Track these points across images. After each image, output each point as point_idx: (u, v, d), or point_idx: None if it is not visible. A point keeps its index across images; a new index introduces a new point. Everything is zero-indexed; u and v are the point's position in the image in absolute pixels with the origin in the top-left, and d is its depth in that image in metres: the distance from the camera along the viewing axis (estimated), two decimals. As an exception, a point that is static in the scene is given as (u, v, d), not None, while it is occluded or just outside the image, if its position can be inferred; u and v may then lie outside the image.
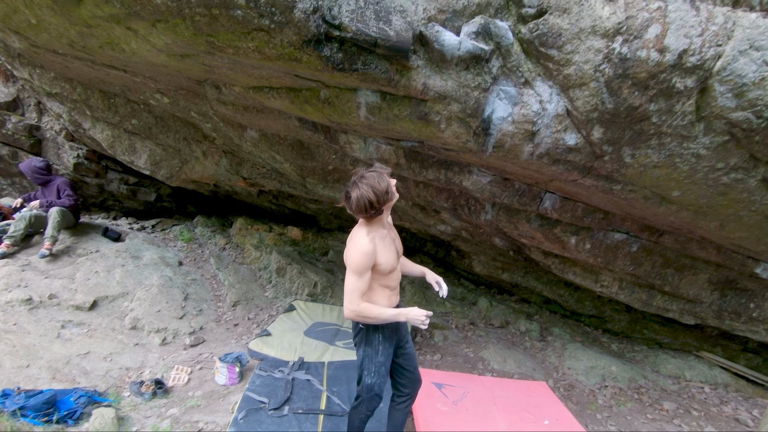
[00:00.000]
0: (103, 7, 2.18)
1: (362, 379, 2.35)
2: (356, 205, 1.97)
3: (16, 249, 4.60)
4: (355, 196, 1.96)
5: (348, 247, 2.15)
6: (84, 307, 4.14)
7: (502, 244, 4.87)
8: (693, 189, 2.65)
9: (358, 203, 1.96)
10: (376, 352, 2.31)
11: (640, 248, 3.81)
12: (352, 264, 2.09)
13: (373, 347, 2.31)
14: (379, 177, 1.98)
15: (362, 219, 2.11)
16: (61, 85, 4.69)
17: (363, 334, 2.31)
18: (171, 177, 5.70)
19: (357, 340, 2.37)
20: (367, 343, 2.32)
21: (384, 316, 2.15)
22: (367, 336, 2.30)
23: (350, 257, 2.11)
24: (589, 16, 2.11)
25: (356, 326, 2.34)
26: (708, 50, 2.06)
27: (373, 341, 2.30)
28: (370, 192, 1.95)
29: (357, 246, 2.08)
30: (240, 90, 3.14)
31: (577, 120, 2.47)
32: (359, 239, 2.09)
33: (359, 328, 2.31)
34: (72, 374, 3.39)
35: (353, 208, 2.00)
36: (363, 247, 2.06)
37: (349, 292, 2.11)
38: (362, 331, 2.30)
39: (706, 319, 4.24)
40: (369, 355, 2.31)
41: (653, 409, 3.93)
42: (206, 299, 5.04)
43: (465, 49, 2.25)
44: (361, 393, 2.37)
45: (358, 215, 2.05)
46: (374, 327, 2.27)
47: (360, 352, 2.35)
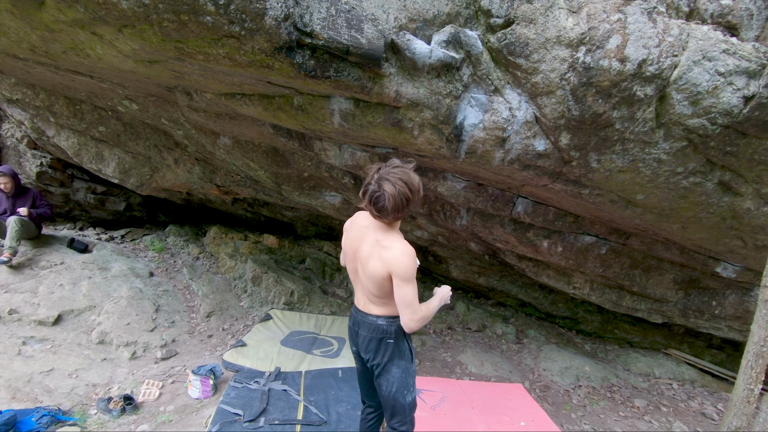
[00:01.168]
0: (66, 11, 2.11)
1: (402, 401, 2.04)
2: (393, 203, 1.74)
3: None
4: (391, 192, 1.73)
5: (394, 253, 1.83)
6: (47, 322, 3.96)
7: (477, 248, 4.94)
8: (656, 192, 2.76)
9: (395, 200, 1.74)
10: (410, 362, 2.08)
11: (609, 250, 3.93)
12: (408, 272, 1.82)
13: (406, 358, 2.06)
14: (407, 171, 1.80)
15: (388, 222, 1.88)
16: (22, 91, 4.51)
17: (393, 347, 2.02)
18: (141, 185, 5.54)
19: (386, 358, 2.03)
20: (400, 356, 2.04)
21: (434, 308, 1.99)
22: (398, 348, 2.03)
23: (403, 265, 1.81)
24: (554, 27, 2.19)
25: (380, 343, 2.02)
26: (665, 60, 2.16)
27: (405, 351, 2.06)
28: (406, 188, 1.75)
29: (406, 251, 1.83)
30: (212, 96, 3.10)
31: (546, 126, 2.54)
32: (404, 244, 1.85)
33: (386, 344, 2.02)
34: (34, 393, 3.23)
35: (388, 206, 1.75)
36: (412, 251, 1.84)
37: (410, 302, 1.84)
38: (390, 345, 2.02)
39: (673, 317, 4.40)
40: (406, 369, 2.05)
41: (625, 407, 4.04)
42: (179, 310, 4.90)
43: (436, 57, 2.30)
44: (406, 417, 2.08)
45: (390, 215, 1.81)
46: (403, 333, 2.03)
47: (393, 370, 2.03)
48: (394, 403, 2.05)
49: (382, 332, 2.01)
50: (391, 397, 2.04)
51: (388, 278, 1.86)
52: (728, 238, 3.14)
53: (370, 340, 2.03)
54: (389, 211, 1.78)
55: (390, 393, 2.04)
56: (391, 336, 2.01)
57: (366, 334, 2.04)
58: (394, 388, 2.03)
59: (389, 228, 1.93)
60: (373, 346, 2.03)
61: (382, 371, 2.04)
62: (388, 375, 2.03)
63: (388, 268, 1.84)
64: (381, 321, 2.01)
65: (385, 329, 2.01)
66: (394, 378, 2.03)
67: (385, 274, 1.85)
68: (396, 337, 2.01)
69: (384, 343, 2.02)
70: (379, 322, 2.01)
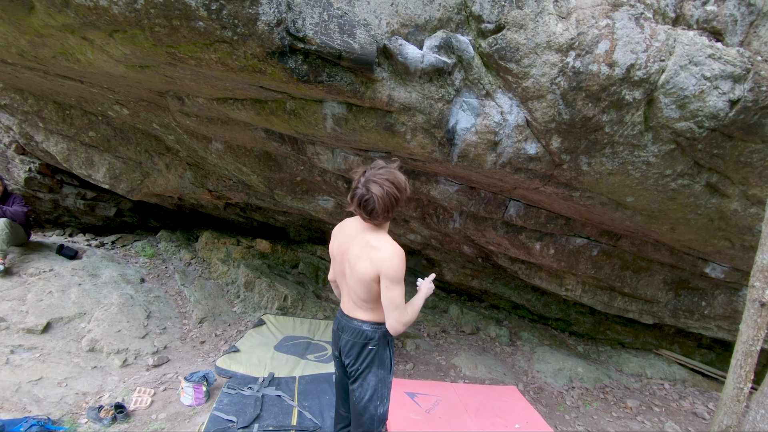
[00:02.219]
0: (56, 16, 2.10)
1: (373, 412, 1.99)
2: (382, 204, 1.74)
3: None
4: (379, 194, 1.73)
5: (384, 255, 1.81)
6: (36, 330, 3.89)
7: (470, 251, 4.96)
8: (645, 194, 2.80)
9: (384, 202, 1.74)
10: (388, 372, 2.03)
11: (600, 252, 3.97)
12: (397, 273, 1.80)
13: (385, 368, 2.01)
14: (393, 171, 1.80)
15: (378, 223, 1.87)
16: (10, 96, 4.45)
17: (374, 354, 1.98)
18: (132, 191, 5.49)
19: (365, 364, 1.98)
20: (379, 365, 1.99)
21: (420, 305, 2.00)
22: (379, 355, 1.99)
23: (393, 266, 1.79)
24: (543, 32, 2.22)
25: (362, 349, 1.99)
26: (653, 65, 2.20)
27: (386, 360, 2.01)
28: (393, 188, 1.76)
29: (396, 252, 1.81)
30: (204, 101, 3.09)
31: (537, 130, 2.57)
32: (394, 245, 1.83)
33: (367, 350, 1.98)
34: (22, 402, 3.17)
35: (378, 209, 1.76)
36: (402, 252, 1.82)
37: (398, 305, 1.83)
38: (371, 351, 1.98)
39: (663, 318, 4.46)
40: (383, 379, 2.01)
41: (618, 408, 4.07)
42: (170, 317, 4.85)
43: (428, 62, 2.31)
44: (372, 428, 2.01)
45: (381, 217, 1.81)
46: (386, 342, 2.01)
47: (369, 378, 1.99)
48: (364, 413, 2.00)
49: (365, 338, 1.98)
50: (362, 405, 2.00)
51: (376, 279, 1.84)
52: (716, 239, 3.19)
53: (353, 345, 2.00)
54: (379, 212, 1.78)
55: (362, 400, 2.00)
56: (374, 342, 1.98)
57: (349, 338, 2.01)
58: (368, 395, 1.99)
59: (379, 229, 1.93)
60: (355, 351, 2.00)
61: (358, 377, 2.00)
62: (363, 382, 1.99)
63: (378, 269, 1.82)
64: (366, 326, 1.99)
65: (369, 335, 1.98)
66: (369, 385, 1.99)
67: (374, 275, 1.83)
68: (378, 344, 1.98)
69: (366, 349, 1.99)
70: (364, 327, 1.99)
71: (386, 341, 2.01)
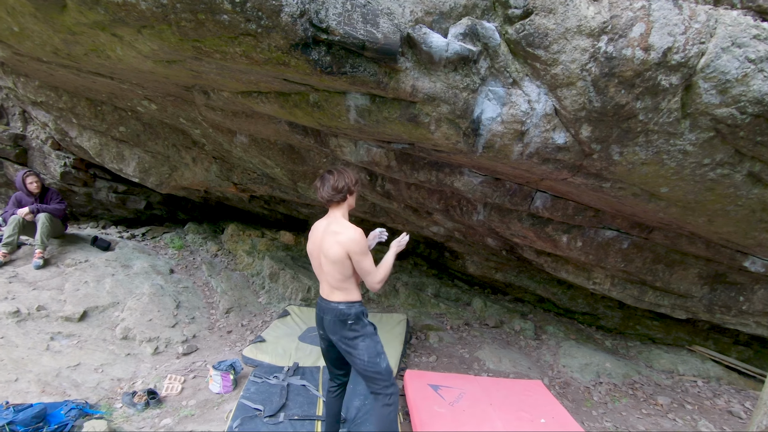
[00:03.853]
0: (87, 14, 2.15)
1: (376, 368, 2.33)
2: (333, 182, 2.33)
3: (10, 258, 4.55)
4: (332, 175, 2.35)
5: (345, 234, 2.25)
6: (73, 318, 4.07)
7: (494, 244, 4.89)
8: (681, 185, 2.68)
9: (335, 180, 2.33)
10: (374, 334, 2.42)
11: (630, 245, 3.84)
12: (361, 246, 2.25)
13: (368, 333, 2.38)
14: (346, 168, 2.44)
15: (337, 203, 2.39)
16: (46, 94, 4.62)
17: (353, 327, 2.35)
18: (161, 184, 5.64)
19: (352, 337, 2.34)
20: (366, 335, 2.37)
21: (390, 260, 2.39)
22: (363, 328, 2.37)
23: (356, 243, 2.24)
24: (574, 16, 2.13)
25: (343, 326, 2.34)
26: (692, 48, 2.09)
27: (366, 327, 2.39)
28: (343, 173, 2.38)
29: (356, 231, 2.26)
30: (228, 95, 3.12)
31: (566, 119, 2.49)
32: (353, 227, 2.29)
33: (348, 325, 2.34)
34: (62, 387, 3.33)
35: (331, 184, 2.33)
36: (361, 231, 2.28)
37: (369, 270, 2.28)
38: (350, 326, 2.34)
39: (698, 313, 4.29)
40: (369, 342, 2.35)
41: (648, 404, 3.96)
42: (198, 307, 4.98)
43: (453, 50, 2.26)
44: (387, 382, 2.34)
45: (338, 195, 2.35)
46: (361, 314, 2.38)
47: (360, 345, 2.33)
48: (372, 371, 2.32)
49: (344, 315, 2.34)
50: (366, 367, 2.32)
51: (347, 257, 2.26)
52: (757, 232, 3.03)
53: (335, 323, 2.35)
54: (332, 189, 2.33)
55: (364, 363, 2.32)
56: (352, 317, 2.34)
57: (331, 318, 2.37)
58: (366, 357, 2.32)
59: (340, 218, 2.38)
60: (338, 327, 2.35)
61: (349, 348, 2.35)
62: (356, 350, 2.33)
63: (345, 249, 2.24)
64: (342, 306, 2.35)
65: (346, 312, 2.34)
66: (363, 350, 2.32)
67: (344, 254, 2.25)
68: (356, 318, 2.35)
69: (347, 324, 2.34)
70: (340, 307, 2.34)
71: (361, 313, 2.38)
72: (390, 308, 5.68)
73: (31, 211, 4.69)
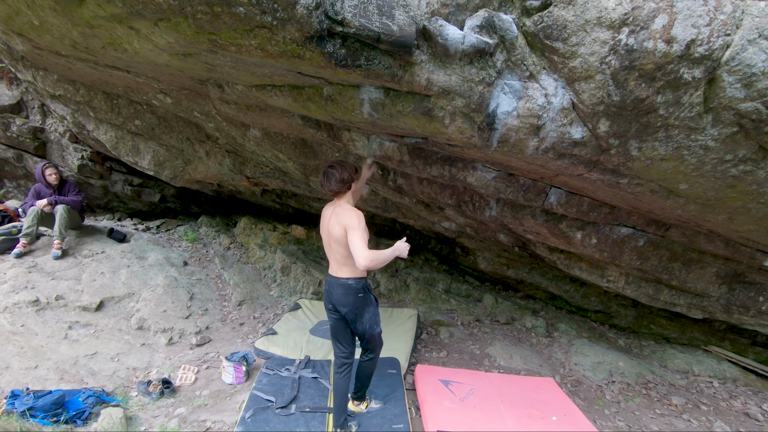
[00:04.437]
0: (105, 6, 2.17)
1: (373, 333, 2.82)
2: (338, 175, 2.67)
3: (30, 249, 4.66)
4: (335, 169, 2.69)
5: (345, 215, 2.61)
6: (90, 308, 4.16)
7: (507, 240, 4.85)
8: (701, 182, 2.62)
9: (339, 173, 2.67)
10: (376, 307, 2.86)
11: (646, 242, 3.78)
12: (355, 222, 2.55)
13: (373, 304, 2.84)
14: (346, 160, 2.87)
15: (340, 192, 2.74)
16: (64, 87, 4.70)
17: (362, 298, 2.76)
18: (175, 177, 5.71)
19: (356, 309, 2.74)
20: (368, 303, 2.80)
21: (387, 255, 2.55)
22: (366, 299, 2.78)
23: (352, 219, 2.57)
24: (594, 8, 2.08)
25: (355, 299, 2.73)
26: (716, 40, 2.03)
27: (371, 301, 2.82)
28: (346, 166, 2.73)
29: (354, 210, 2.64)
30: (243, 88, 3.13)
31: (583, 113, 2.44)
32: (352, 209, 2.67)
33: (358, 297, 2.74)
34: (80, 375, 3.41)
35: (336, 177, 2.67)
36: (359, 212, 2.63)
37: (359, 245, 2.50)
38: (361, 298, 2.75)
39: (714, 313, 4.21)
40: (373, 312, 2.82)
41: (662, 405, 3.91)
42: (211, 299, 5.05)
43: (469, 43, 2.23)
44: (376, 343, 2.88)
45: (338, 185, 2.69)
46: (367, 289, 2.80)
47: (366, 315, 2.77)
48: (369, 336, 2.83)
49: (352, 289, 2.73)
50: (366, 332, 2.81)
51: (345, 235, 2.57)
52: (780, 230, 2.95)
53: (346, 296, 2.74)
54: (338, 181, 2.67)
55: (365, 330, 2.81)
56: (360, 291, 2.75)
57: (341, 292, 2.75)
58: (368, 326, 2.80)
59: (344, 204, 2.73)
60: (349, 300, 2.74)
61: (356, 318, 2.77)
62: (362, 319, 2.78)
63: (344, 225, 2.57)
64: (351, 281, 2.74)
65: (354, 286, 2.73)
66: (366, 320, 2.79)
67: (344, 231, 2.57)
68: (363, 292, 2.76)
69: (355, 297, 2.73)
70: (350, 282, 2.73)
71: (367, 288, 2.80)
72: (401, 303, 5.69)
73: (50, 203, 4.78)
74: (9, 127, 5.91)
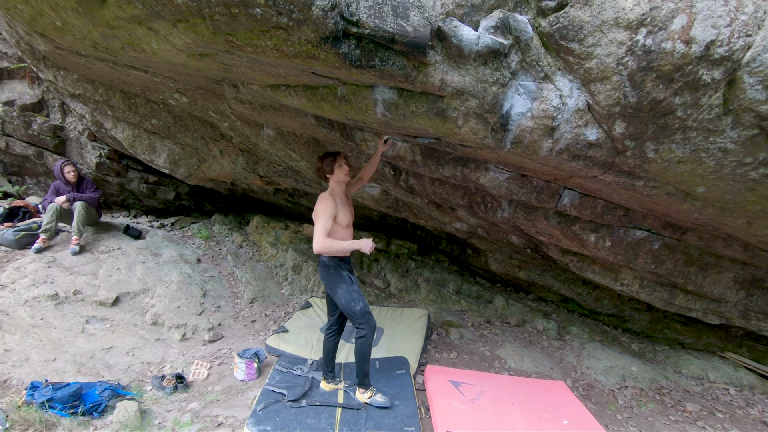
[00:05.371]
0: (126, 8, 2.22)
1: (353, 310, 2.95)
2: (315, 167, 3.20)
3: (49, 244, 4.78)
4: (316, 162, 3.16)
5: (317, 204, 2.96)
6: (107, 302, 4.24)
7: (518, 241, 4.82)
8: (719, 185, 2.57)
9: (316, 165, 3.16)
10: (350, 284, 3.02)
11: (662, 246, 3.72)
12: (320, 210, 2.90)
13: (345, 281, 3.01)
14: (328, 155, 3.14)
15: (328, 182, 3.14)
16: (83, 87, 4.80)
17: (333, 275, 3.00)
18: (189, 175, 5.79)
19: (330, 285, 3.02)
20: (340, 280, 3.00)
21: (343, 246, 2.85)
22: (338, 274, 3.01)
23: (318, 207, 2.93)
24: (611, 8, 2.06)
25: (326, 274, 3.02)
26: (737, 41, 1.99)
27: (343, 276, 3.02)
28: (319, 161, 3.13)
29: (323, 200, 2.96)
30: (257, 88, 3.17)
31: (599, 114, 2.42)
32: (324, 196, 3.00)
33: (329, 273, 3.00)
34: (96, 368, 3.48)
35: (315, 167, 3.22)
36: (326, 200, 2.95)
37: (318, 232, 2.82)
38: (332, 274, 3.00)
39: (732, 319, 4.13)
40: (346, 289, 2.98)
41: (676, 411, 3.84)
42: (224, 296, 5.11)
43: (483, 43, 2.23)
44: (361, 321, 2.96)
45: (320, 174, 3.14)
46: (339, 265, 3.01)
47: (339, 291, 2.98)
48: (349, 311, 2.98)
49: (324, 266, 3.04)
50: (344, 307, 2.99)
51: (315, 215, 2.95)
52: (801, 235, 2.89)
53: (321, 273, 3.08)
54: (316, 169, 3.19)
55: (343, 305, 3.00)
56: (332, 269, 3.01)
57: (319, 269, 3.11)
58: (344, 301, 2.98)
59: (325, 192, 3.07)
60: (322, 275, 3.08)
61: (333, 293, 3.04)
62: (336, 295, 3.01)
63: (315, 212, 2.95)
64: (324, 259, 3.04)
65: (326, 264, 3.03)
66: (341, 296, 2.99)
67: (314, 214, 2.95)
68: (335, 269, 3.02)
69: (326, 273, 3.04)
70: (323, 259, 3.04)
71: (340, 267, 3.04)
72: (411, 303, 5.69)
73: (68, 200, 4.89)
74: (30, 125, 6.06)
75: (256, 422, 2.86)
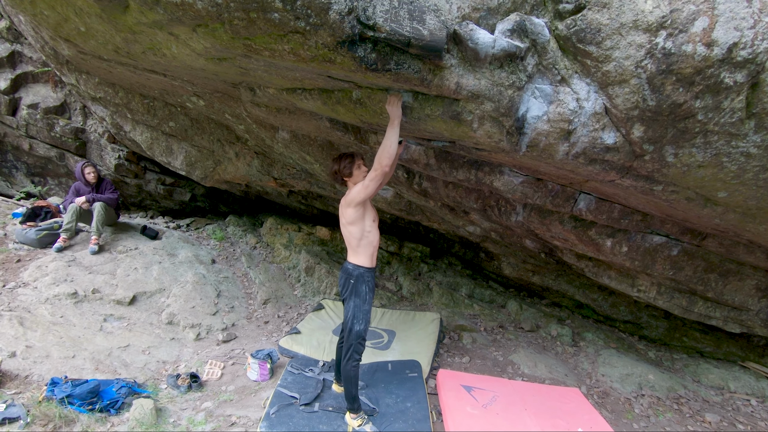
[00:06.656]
0: (148, 14, 2.27)
1: (352, 327, 2.82)
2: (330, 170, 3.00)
3: (70, 244, 4.89)
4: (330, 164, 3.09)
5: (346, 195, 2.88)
6: (124, 301, 4.32)
7: (533, 246, 4.77)
8: (741, 190, 2.51)
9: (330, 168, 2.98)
10: (363, 301, 2.84)
11: (681, 252, 3.65)
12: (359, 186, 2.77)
13: (361, 297, 2.84)
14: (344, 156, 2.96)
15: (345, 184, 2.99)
16: (104, 90, 4.92)
17: (352, 286, 2.84)
18: (205, 177, 5.88)
19: (346, 294, 2.86)
20: (356, 294, 2.83)
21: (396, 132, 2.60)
22: (356, 287, 2.83)
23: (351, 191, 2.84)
24: (630, 11, 2.04)
25: (346, 281, 2.86)
26: (761, 43, 1.95)
27: (361, 292, 2.84)
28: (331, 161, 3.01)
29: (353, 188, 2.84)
30: (274, 92, 3.21)
31: (616, 118, 2.39)
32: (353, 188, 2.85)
33: (350, 283, 2.84)
34: (113, 366, 3.55)
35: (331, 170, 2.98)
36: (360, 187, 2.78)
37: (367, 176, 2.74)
38: (352, 284, 2.84)
39: (753, 327, 4.02)
40: (358, 305, 2.83)
41: (694, 421, 3.75)
42: (238, 297, 5.16)
43: (499, 47, 2.22)
44: (351, 341, 2.83)
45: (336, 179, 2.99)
46: (362, 279, 2.83)
47: (350, 303, 2.84)
48: (349, 326, 2.86)
49: (348, 274, 2.87)
50: (348, 321, 2.86)
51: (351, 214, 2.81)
52: (827, 242, 2.80)
53: (343, 279, 2.91)
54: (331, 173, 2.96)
55: (347, 318, 2.86)
56: (353, 278, 2.84)
57: (341, 274, 2.95)
58: (350, 314, 2.84)
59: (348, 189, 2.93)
60: (342, 282, 2.92)
61: (345, 302, 2.90)
62: (347, 306, 2.87)
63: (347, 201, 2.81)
64: (349, 266, 2.89)
65: (350, 271, 2.87)
66: (350, 308, 2.85)
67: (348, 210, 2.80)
68: (356, 280, 2.83)
69: (348, 282, 2.86)
70: (348, 267, 2.89)
71: (363, 280, 2.84)
72: (423, 306, 5.67)
73: (88, 200, 5.01)
74: (53, 127, 6.23)
75: (269, 425, 2.88)
